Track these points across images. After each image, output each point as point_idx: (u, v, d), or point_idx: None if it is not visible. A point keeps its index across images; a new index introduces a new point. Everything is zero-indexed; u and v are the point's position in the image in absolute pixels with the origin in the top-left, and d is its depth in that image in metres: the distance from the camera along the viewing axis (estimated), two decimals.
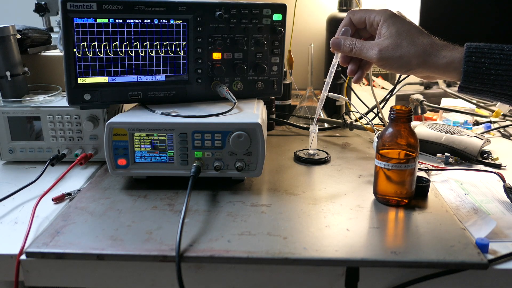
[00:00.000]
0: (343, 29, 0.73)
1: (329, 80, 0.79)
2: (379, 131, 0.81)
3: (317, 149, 0.92)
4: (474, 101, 1.19)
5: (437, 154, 0.92)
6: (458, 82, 0.65)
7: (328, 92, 1.02)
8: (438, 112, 1.16)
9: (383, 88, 1.12)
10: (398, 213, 0.69)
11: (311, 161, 0.89)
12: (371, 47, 0.68)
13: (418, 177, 0.74)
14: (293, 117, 1.14)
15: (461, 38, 0.68)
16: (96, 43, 0.76)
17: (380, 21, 0.68)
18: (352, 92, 1.15)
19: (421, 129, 0.96)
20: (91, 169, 0.87)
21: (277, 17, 0.86)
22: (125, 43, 0.78)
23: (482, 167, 0.87)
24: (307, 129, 1.04)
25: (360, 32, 0.74)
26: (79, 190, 0.76)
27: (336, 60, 0.75)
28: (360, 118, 1.03)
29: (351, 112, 1.11)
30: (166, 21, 0.80)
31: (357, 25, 0.72)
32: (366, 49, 0.68)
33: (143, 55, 0.80)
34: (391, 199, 0.70)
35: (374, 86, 1.08)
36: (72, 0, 0.73)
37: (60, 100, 0.89)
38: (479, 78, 0.63)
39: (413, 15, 1.23)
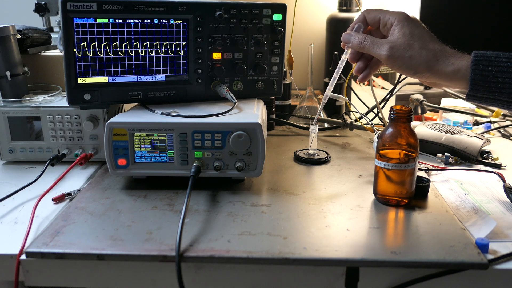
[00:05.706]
0: (356, 25, 0.72)
1: (336, 75, 0.78)
2: (379, 131, 0.81)
3: (317, 149, 0.92)
4: None
5: (437, 154, 0.92)
6: (466, 91, 0.64)
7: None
8: (438, 112, 1.16)
9: (383, 88, 1.12)
10: (398, 213, 0.69)
11: (311, 161, 0.89)
12: (382, 44, 0.68)
13: (418, 177, 0.74)
14: (293, 117, 1.14)
15: (462, 36, 0.68)
16: (96, 43, 0.76)
17: (394, 21, 0.68)
18: (352, 92, 1.15)
19: (421, 129, 0.96)
20: (91, 169, 0.87)
21: (277, 17, 0.86)
22: (125, 43, 0.78)
23: (482, 167, 0.87)
24: (307, 129, 1.04)
25: (372, 32, 0.73)
26: (79, 190, 0.76)
27: (345, 56, 0.75)
28: (360, 118, 1.03)
29: (351, 112, 1.11)
30: (166, 21, 0.80)
31: (371, 24, 0.72)
32: (376, 45, 0.68)
33: (143, 55, 0.80)
34: (391, 199, 0.70)
35: (374, 86, 1.08)
36: (72, 0, 0.73)
37: (60, 100, 0.89)
38: (486, 86, 0.62)
39: (414, 14, 1.23)
